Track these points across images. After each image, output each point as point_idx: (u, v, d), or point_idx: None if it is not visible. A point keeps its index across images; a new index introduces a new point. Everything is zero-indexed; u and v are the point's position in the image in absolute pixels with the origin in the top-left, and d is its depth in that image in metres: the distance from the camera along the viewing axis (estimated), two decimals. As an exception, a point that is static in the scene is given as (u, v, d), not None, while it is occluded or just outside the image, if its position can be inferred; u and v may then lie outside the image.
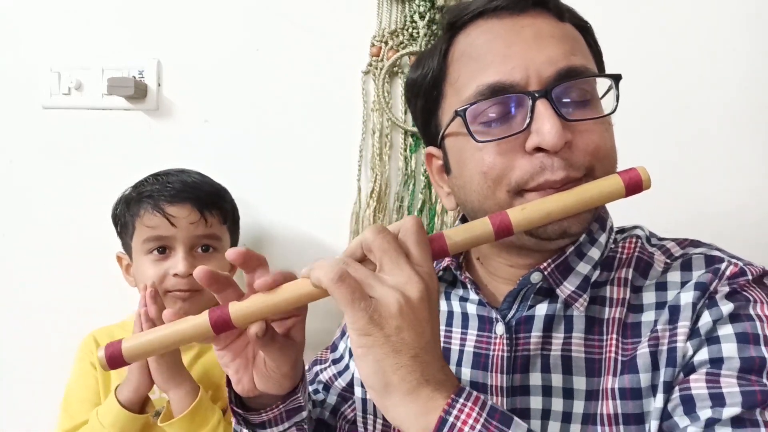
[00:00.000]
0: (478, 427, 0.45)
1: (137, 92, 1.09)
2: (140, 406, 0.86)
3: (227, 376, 0.61)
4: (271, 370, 0.58)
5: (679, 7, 1.04)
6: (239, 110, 1.12)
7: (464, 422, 0.45)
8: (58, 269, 1.13)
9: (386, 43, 1.08)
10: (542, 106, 0.54)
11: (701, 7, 1.04)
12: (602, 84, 0.60)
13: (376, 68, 1.08)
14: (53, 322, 1.13)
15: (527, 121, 0.55)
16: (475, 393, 0.48)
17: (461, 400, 0.46)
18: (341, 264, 0.47)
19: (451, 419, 0.45)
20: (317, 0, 1.10)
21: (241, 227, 1.06)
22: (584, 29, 0.62)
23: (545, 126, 0.53)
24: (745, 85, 1.03)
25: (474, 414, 0.46)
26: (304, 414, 0.65)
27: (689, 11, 1.04)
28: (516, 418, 0.47)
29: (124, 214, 0.96)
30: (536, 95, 0.55)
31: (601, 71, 0.63)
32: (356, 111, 1.09)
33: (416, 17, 1.07)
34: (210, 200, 0.95)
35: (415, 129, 1.08)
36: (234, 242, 1.04)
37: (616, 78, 0.59)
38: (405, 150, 1.09)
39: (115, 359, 0.51)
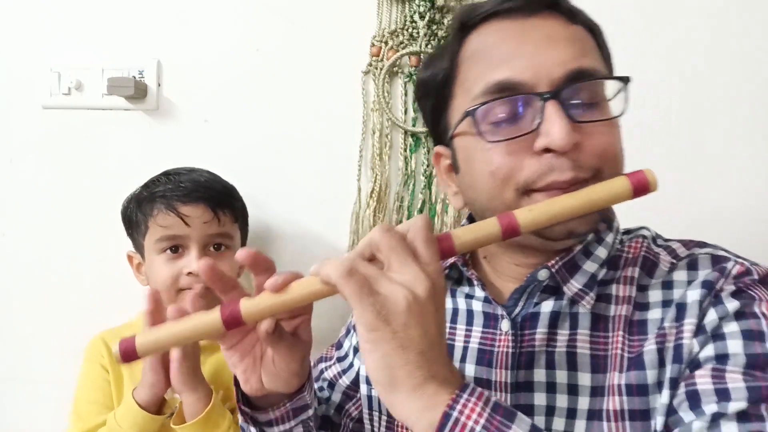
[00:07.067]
0: (482, 421, 0.46)
1: (137, 92, 1.09)
2: (157, 406, 0.86)
3: (235, 376, 0.61)
4: (280, 369, 0.58)
5: (684, 8, 1.04)
6: (239, 110, 1.12)
7: (468, 417, 0.46)
8: (58, 269, 1.13)
9: (386, 43, 1.08)
10: (552, 108, 0.55)
11: (706, 8, 1.04)
12: (611, 86, 0.60)
13: (376, 68, 1.08)
14: (53, 323, 1.13)
15: (536, 121, 0.55)
16: (479, 389, 0.48)
17: (465, 396, 0.47)
18: (350, 261, 0.48)
19: (455, 414, 0.46)
20: (317, 0, 1.10)
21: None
22: (594, 31, 0.62)
23: (554, 127, 0.54)
24: (748, 86, 1.03)
25: (478, 409, 0.46)
26: (310, 412, 0.66)
27: (695, 12, 1.04)
28: (520, 414, 0.48)
29: (136, 213, 0.96)
30: (546, 96, 0.55)
31: (610, 73, 0.63)
32: (356, 111, 1.09)
33: (416, 17, 1.07)
34: (222, 199, 0.96)
35: (415, 129, 1.08)
36: (243, 240, 1.04)
37: (626, 80, 0.59)
38: (405, 150, 1.09)
39: (128, 354, 0.52)
